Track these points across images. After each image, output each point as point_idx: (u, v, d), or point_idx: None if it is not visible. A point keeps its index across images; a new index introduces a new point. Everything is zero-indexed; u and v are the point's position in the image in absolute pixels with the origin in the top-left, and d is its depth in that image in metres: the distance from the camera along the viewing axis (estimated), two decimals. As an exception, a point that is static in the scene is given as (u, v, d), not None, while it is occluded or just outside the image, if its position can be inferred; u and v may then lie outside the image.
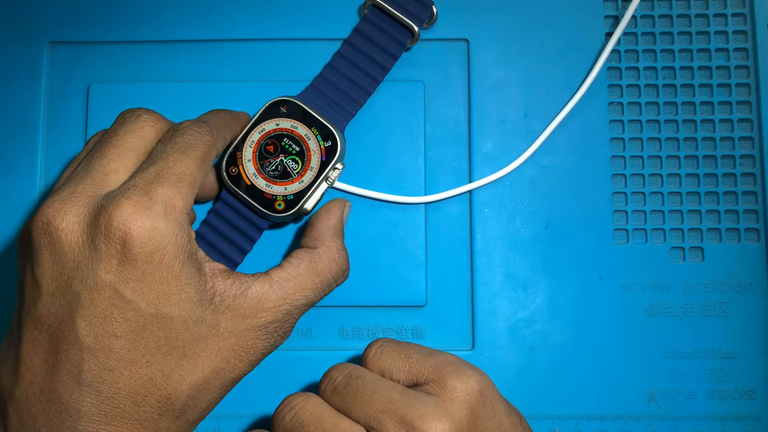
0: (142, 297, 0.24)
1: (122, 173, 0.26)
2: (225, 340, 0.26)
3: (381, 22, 0.33)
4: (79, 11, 0.35)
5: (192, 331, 0.25)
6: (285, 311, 0.27)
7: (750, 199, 0.33)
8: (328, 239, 0.29)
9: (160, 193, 0.24)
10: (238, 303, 0.26)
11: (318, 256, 0.28)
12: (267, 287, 0.27)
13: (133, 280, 0.24)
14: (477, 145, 0.34)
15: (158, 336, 0.24)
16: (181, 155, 0.26)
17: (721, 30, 0.34)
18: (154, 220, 0.24)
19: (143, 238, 0.24)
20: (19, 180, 0.34)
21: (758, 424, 0.32)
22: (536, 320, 0.33)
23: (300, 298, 0.27)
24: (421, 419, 0.23)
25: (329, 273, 0.28)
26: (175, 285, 0.24)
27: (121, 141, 0.26)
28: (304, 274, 0.28)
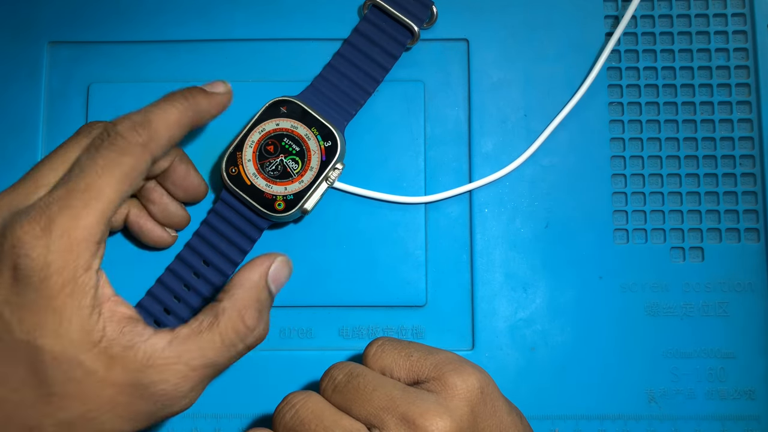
0: (19, 321, 0.23)
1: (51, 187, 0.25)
2: (104, 390, 0.23)
3: (381, 22, 0.33)
4: (79, 11, 0.35)
5: (64, 370, 0.23)
6: (176, 371, 0.24)
7: (750, 199, 0.33)
8: (240, 292, 0.25)
9: (59, 221, 0.23)
10: (126, 354, 0.23)
11: (222, 311, 0.25)
12: (162, 343, 0.24)
13: (15, 303, 0.23)
14: (477, 145, 0.34)
15: (27, 365, 0.23)
16: (98, 176, 0.24)
17: (721, 30, 0.34)
18: (45, 250, 0.23)
19: (29, 266, 0.23)
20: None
21: (758, 424, 0.32)
22: (536, 320, 0.33)
23: (197, 358, 0.24)
24: (422, 416, 0.23)
25: (232, 333, 0.25)
26: (54, 318, 0.23)
27: (60, 153, 0.25)
28: (205, 331, 0.25)
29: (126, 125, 0.25)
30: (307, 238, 0.33)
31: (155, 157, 0.26)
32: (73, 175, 0.24)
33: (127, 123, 0.25)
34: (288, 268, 0.27)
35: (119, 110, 0.34)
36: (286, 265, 0.27)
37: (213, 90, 0.29)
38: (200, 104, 0.28)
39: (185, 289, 0.32)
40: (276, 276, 0.26)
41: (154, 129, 0.25)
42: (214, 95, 0.29)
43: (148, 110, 0.26)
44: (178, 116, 0.27)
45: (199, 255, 0.32)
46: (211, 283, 0.32)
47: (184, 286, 0.32)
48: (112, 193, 0.24)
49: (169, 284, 0.32)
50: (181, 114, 0.27)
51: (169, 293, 0.32)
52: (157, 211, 0.32)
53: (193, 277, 0.32)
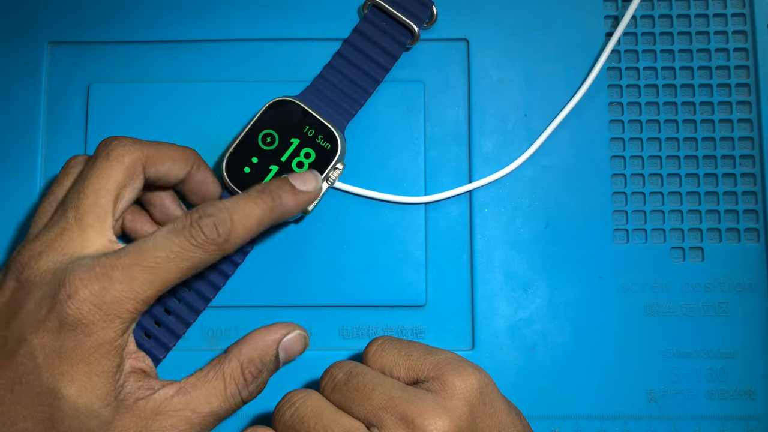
0: (48, 368, 0.24)
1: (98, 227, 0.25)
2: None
3: (381, 22, 0.33)
4: (79, 11, 0.35)
5: (81, 421, 0.24)
6: (183, 417, 0.25)
7: (750, 199, 0.33)
8: (247, 348, 0.27)
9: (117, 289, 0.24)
10: (138, 405, 0.25)
11: (227, 362, 0.26)
12: (170, 393, 0.25)
13: (50, 349, 0.24)
14: (477, 145, 0.34)
15: (45, 411, 0.24)
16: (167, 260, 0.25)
17: (721, 30, 0.34)
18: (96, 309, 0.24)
19: (79, 320, 0.24)
20: (19, 180, 0.34)
21: (758, 424, 0.32)
22: (536, 320, 0.33)
23: (203, 405, 0.26)
24: (420, 416, 0.23)
25: (233, 383, 0.26)
26: (84, 372, 0.24)
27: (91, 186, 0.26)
28: (211, 380, 0.26)
29: (209, 223, 0.25)
30: (307, 238, 0.33)
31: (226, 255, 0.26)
32: (145, 247, 0.25)
33: (210, 221, 0.25)
34: (303, 343, 0.28)
35: (119, 110, 0.34)
36: (302, 341, 0.28)
37: (302, 188, 0.28)
38: (286, 206, 0.28)
39: (185, 289, 0.32)
40: (288, 346, 0.28)
41: (233, 233, 0.26)
42: (302, 195, 0.28)
43: (233, 209, 0.26)
44: (260, 219, 0.27)
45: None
46: (211, 284, 0.32)
47: (184, 286, 0.32)
48: (174, 279, 0.25)
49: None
50: (264, 215, 0.27)
51: (169, 293, 0.32)
52: (158, 213, 0.32)
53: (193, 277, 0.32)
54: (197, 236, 0.25)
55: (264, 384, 0.27)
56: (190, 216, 0.25)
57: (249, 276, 0.33)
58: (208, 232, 0.25)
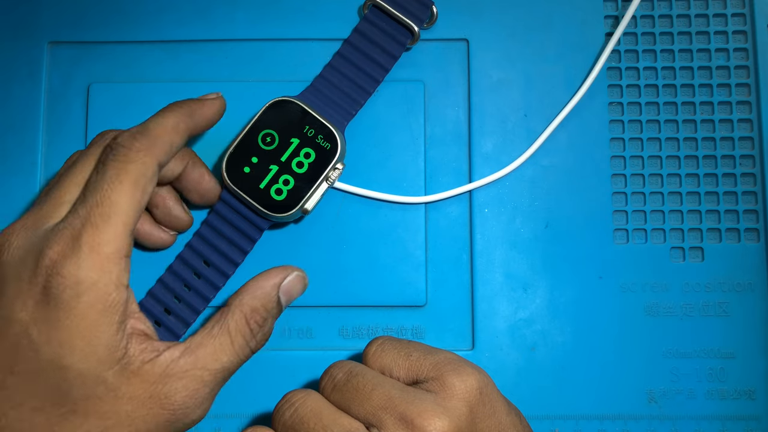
0: (46, 341, 0.23)
1: (72, 204, 0.25)
2: (122, 406, 0.24)
3: (381, 22, 0.33)
4: (79, 11, 0.35)
5: (88, 388, 0.23)
6: (194, 377, 0.25)
7: (750, 199, 0.33)
8: (248, 298, 0.26)
9: (85, 237, 0.24)
10: (145, 369, 0.24)
11: (231, 316, 0.26)
12: (176, 354, 0.25)
13: (43, 322, 0.23)
14: (477, 145, 0.34)
15: (51, 384, 0.23)
16: (110, 188, 0.24)
17: (721, 30, 0.34)
18: (76, 268, 0.23)
19: (61, 284, 0.23)
20: (19, 180, 0.34)
21: (758, 424, 0.32)
22: (536, 320, 0.33)
23: (212, 362, 0.25)
24: (420, 416, 0.23)
25: (240, 335, 0.26)
26: (83, 337, 0.23)
27: (75, 170, 0.26)
28: (217, 336, 0.26)
29: (125, 136, 0.26)
30: (307, 238, 0.33)
31: (160, 161, 0.26)
32: (88, 192, 0.25)
33: (126, 134, 0.26)
34: (302, 284, 0.28)
35: (119, 110, 0.34)
36: (301, 281, 0.28)
37: (205, 98, 0.30)
38: (194, 109, 0.29)
39: (186, 289, 0.32)
40: (288, 289, 0.27)
41: (153, 135, 0.26)
42: (207, 101, 0.30)
43: (145, 122, 0.27)
44: (175, 121, 0.27)
45: (199, 255, 0.32)
46: (211, 284, 0.32)
47: (184, 286, 0.32)
48: (127, 203, 0.25)
49: (169, 284, 0.32)
50: (177, 119, 0.28)
51: (169, 293, 0.32)
52: (160, 214, 0.32)
53: (194, 277, 0.32)
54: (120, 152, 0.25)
55: (270, 331, 0.27)
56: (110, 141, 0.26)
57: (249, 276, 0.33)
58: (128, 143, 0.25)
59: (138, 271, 0.33)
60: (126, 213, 0.25)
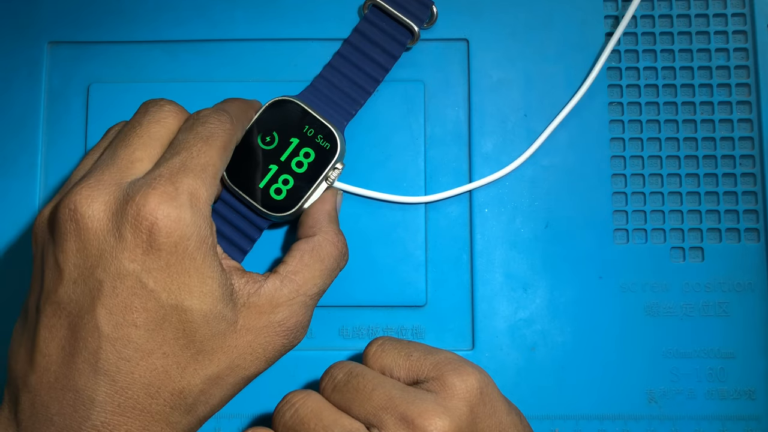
0: (164, 287, 0.24)
1: (147, 162, 0.26)
2: (242, 337, 0.26)
3: (381, 22, 0.33)
4: (79, 11, 0.35)
5: (211, 326, 0.25)
6: (300, 303, 0.27)
7: (750, 199, 0.33)
8: (325, 225, 0.29)
9: (185, 184, 0.24)
10: (253, 301, 0.26)
11: (318, 243, 0.28)
12: (278, 283, 0.27)
13: (156, 269, 0.24)
14: (477, 145, 0.34)
15: (177, 328, 0.24)
16: (203, 145, 0.26)
17: (721, 30, 0.34)
18: (180, 210, 0.24)
19: (169, 228, 0.23)
20: (19, 180, 0.34)
21: (758, 424, 0.32)
22: (536, 320, 0.33)
23: (311, 287, 0.27)
24: (420, 416, 0.23)
25: (331, 258, 0.28)
26: (197, 277, 0.24)
27: (145, 131, 0.26)
28: (309, 263, 0.28)
29: (209, 110, 0.27)
30: (307, 238, 0.33)
31: (237, 135, 0.28)
32: (180, 146, 0.26)
33: (207, 110, 0.27)
34: (341, 198, 0.32)
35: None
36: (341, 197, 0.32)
37: None
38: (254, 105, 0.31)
39: None
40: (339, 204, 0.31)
41: (231, 113, 0.28)
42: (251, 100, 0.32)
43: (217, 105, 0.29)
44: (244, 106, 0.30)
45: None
46: None
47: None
48: (219, 160, 0.26)
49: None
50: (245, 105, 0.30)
51: None
52: None
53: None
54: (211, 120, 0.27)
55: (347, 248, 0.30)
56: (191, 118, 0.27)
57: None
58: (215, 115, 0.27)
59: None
60: (217, 168, 0.26)
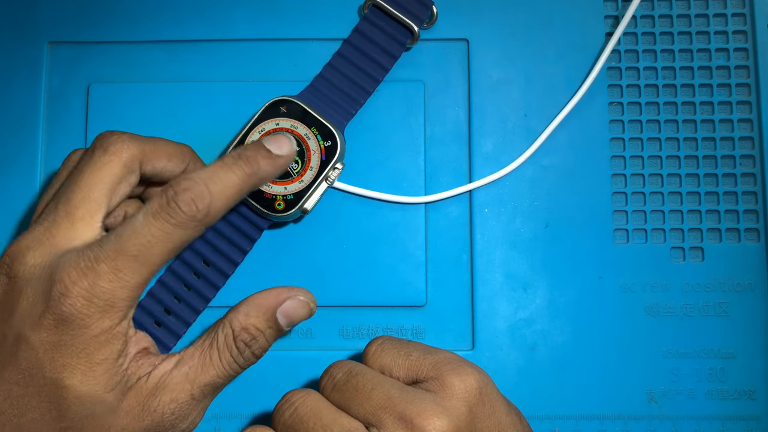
0: (50, 361, 0.24)
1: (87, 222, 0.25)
2: (119, 420, 0.25)
3: (381, 22, 0.33)
4: (79, 11, 0.35)
5: (86, 407, 0.24)
6: (183, 390, 0.25)
7: (750, 199, 0.33)
8: (241, 315, 0.26)
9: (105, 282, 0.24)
10: (140, 384, 0.25)
11: (221, 330, 0.26)
12: (170, 366, 0.25)
13: (50, 344, 0.24)
14: (477, 145, 0.34)
15: (51, 400, 0.24)
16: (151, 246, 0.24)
17: (721, 30, 0.34)
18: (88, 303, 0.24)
19: (73, 314, 0.24)
20: (19, 180, 0.34)
21: (758, 424, 0.32)
22: (536, 320, 0.33)
23: (201, 375, 0.25)
24: (419, 416, 0.23)
25: (227, 351, 0.26)
26: (85, 362, 0.24)
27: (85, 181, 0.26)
28: (206, 349, 0.26)
29: (185, 199, 0.24)
30: (307, 238, 0.33)
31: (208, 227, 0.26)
32: (125, 235, 0.24)
33: (187, 196, 0.24)
34: (307, 309, 0.27)
35: (119, 110, 0.34)
36: (305, 306, 0.27)
37: (278, 152, 0.28)
38: (263, 171, 0.27)
39: (186, 289, 0.32)
40: (289, 312, 0.27)
41: (213, 206, 0.25)
42: (278, 159, 0.27)
43: (209, 180, 0.25)
44: (239, 187, 0.26)
45: (199, 255, 0.32)
46: (211, 284, 0.32)
47: (184, 286, 0.32)
48: (161, 262, 0.25)
49: (169, 284, 0.32)
50: (243, 183, 0.26)
51: (169, 293, 0.32)
52: None
53: (194, 277, 0.32)
54: (176, 216, 0.24)
55: (262, 350, 0.27)
56: (165, 194, 0.24)
57: (249, 276, 0.33)
58: (187, 209, 0.24)
59: (138, 271, 0.33)
60: (154, 271, 0.25)
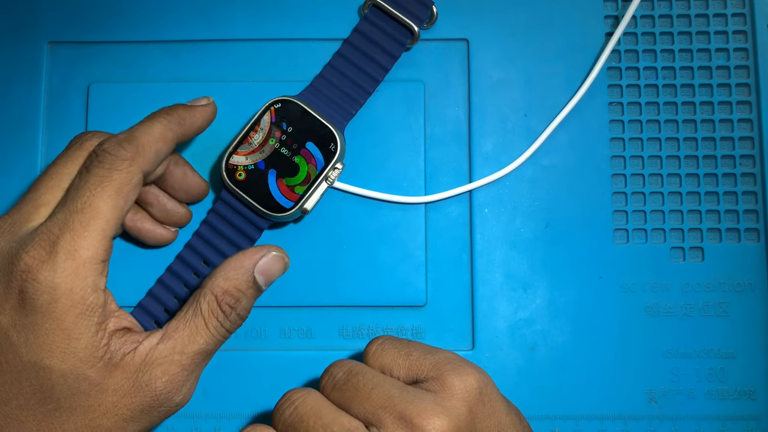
0: (25, 344, 0.24)
1: (51, 206, 0.25)
2: (107, 397, 0.25)
3: (381, 22, 0.33)
4: (79, 11, 0.35)
5: (70, 386, 0.24)
6: (174, 362, 0.25)
7: (750, 199, 0.33)
8: (220, 279, 0.26)
9: (62, 243, 0.24)
10: (126, 360, 0.25)
11: (203, 298, 0.26)
12: (156, 341, 0.26)
13: (21, 326, 0.24)
14: (477, 145, 0.34)
15: (33, 384, 0.24)
16: (92, 194, 0.25)
17: (721, 30, 0.34)
18: (52, 273, 0.24)
19: (37, 290, 0.24)
20: (19, 180, 0.34)
21: (758, 424, 0.32)
22: (536, 320, 0.33)
23: (189, 345, 0.26)
24: (419, 416, 0.23)
25: (213, 316, 0.26)
26: (61, 338, 0.24)
27: (55, 171, 0.26)
28: (191, 319, 0.26)
29: (112, 143, 0.26)
30: (307, 238, 0.33)
31: (145, 170, 0.27)
32: (69, 197, 0.25)
33: (113, 141, 0.26)
34: (282, 263, 0.28)
35: (119, 110, 0.34)
36: (280, 261, 0.28)
37: (195, 104, 0.30)
38: (183, 117, 0.29)
39: (185, 288, 0.32)
40: (265, 268, 0.27)
41: (139, 144, 0.26)
42: (196, 108, 0.30)
43: (132, 129, 0.27)
44: (162, 130, 0.27)
45: (199, 255, 0.32)
46: None
47: (184, 286, 0.32)
48: (109, 209, 0.25)
49: (169, 284, 0.32)
50: (165, 128, 0.28)
51: (169, 293, 0.32)
52: (157, 212, 0.32)
53: (193, 276, 0.32)
54: (104, 159, 0.25)
55: (246, 311, 0.27)
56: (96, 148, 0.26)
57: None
58: (114, 150, 0.25)
59: (138, 271, 0.33)
60: (106, 220, 0.25)
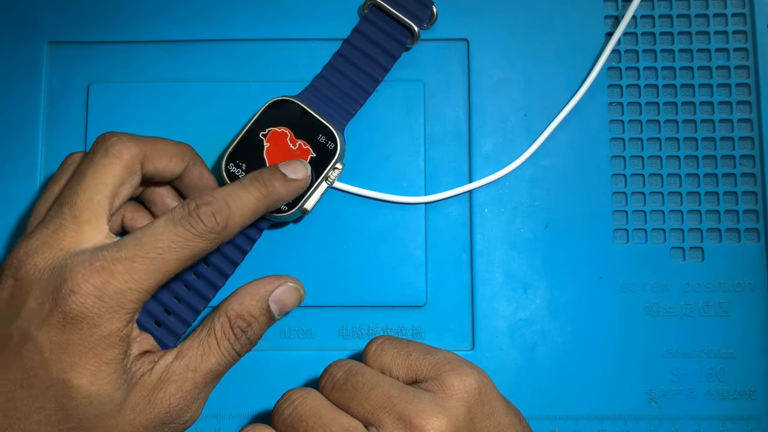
0: (57, 361, 0.24)
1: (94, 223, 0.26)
2: (125, 416, 0.25)
3: (381, 22, 0.33)
4: (79, 11, 0.35)
5: (94, 407, 0.24)
6: (186, 379, 0.26)
7: (750, 199, 0.33)
8: (235, 303, 0.27)
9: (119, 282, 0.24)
10: (144, 379, 0.26)
11: (217, 319, 0.27)
12: (170, 359, 0.26)
13: (57, 343, 0.24)
14: (477, 145, 0.34)
15: (57, 401, 0.24)
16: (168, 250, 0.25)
17: (721, 30, 0.34)
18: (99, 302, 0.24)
19: (82, 313, 0.24)
20: (19, 180, 0.34)
21: (758, 424, 0.32)
22: (536, 320, 0.33)
23: (201, 363, 0.26)
24: (418, 416, 0.23)
25: (225, 338, 0.27)
26: (94, 362, 0.24)
27: (89, 184, 0.26)
28: (204, 339, 0.27)
29: (207, 212, 0.26)
30: (307, 238, 0.33)
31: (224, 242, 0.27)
32: (145, 239, 0.25)
33: (208, 210, 0.26)
34: (297, 295, 0.29)
35: (119, 110, 0.34)
36: (295, 292, 0.29)
37: (293, 176, 0.29)
38: (278, 193, 0.28)
39: (186, 289, 0.32)
40: (281, 298, 0.28)
41: (231, 221, 0.26)
42: (293, 183, 0.29)
43: (228, 197, 0.27)
44: (255, 206, 0.27)
45: (199, 255, 0.32)
46: (211, 284, 0.32)
47: (184, 286, 0.32)
48: (175, 268, 0.26)
49: (169, 284, 0.32)
50: (258, 203, 0.28)
51: (169, 293, 0.32)
52: (159, 212, 0.32)
53: (194, 277, 0.32)
54: (196, 225, 0.25)
55: (257, 336, 0.28)
56: (188, 205, 0.26)
57: (249, 276, 0.33)
58: (207, 220, 0.26)
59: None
60: (168, 276, 0.25)
